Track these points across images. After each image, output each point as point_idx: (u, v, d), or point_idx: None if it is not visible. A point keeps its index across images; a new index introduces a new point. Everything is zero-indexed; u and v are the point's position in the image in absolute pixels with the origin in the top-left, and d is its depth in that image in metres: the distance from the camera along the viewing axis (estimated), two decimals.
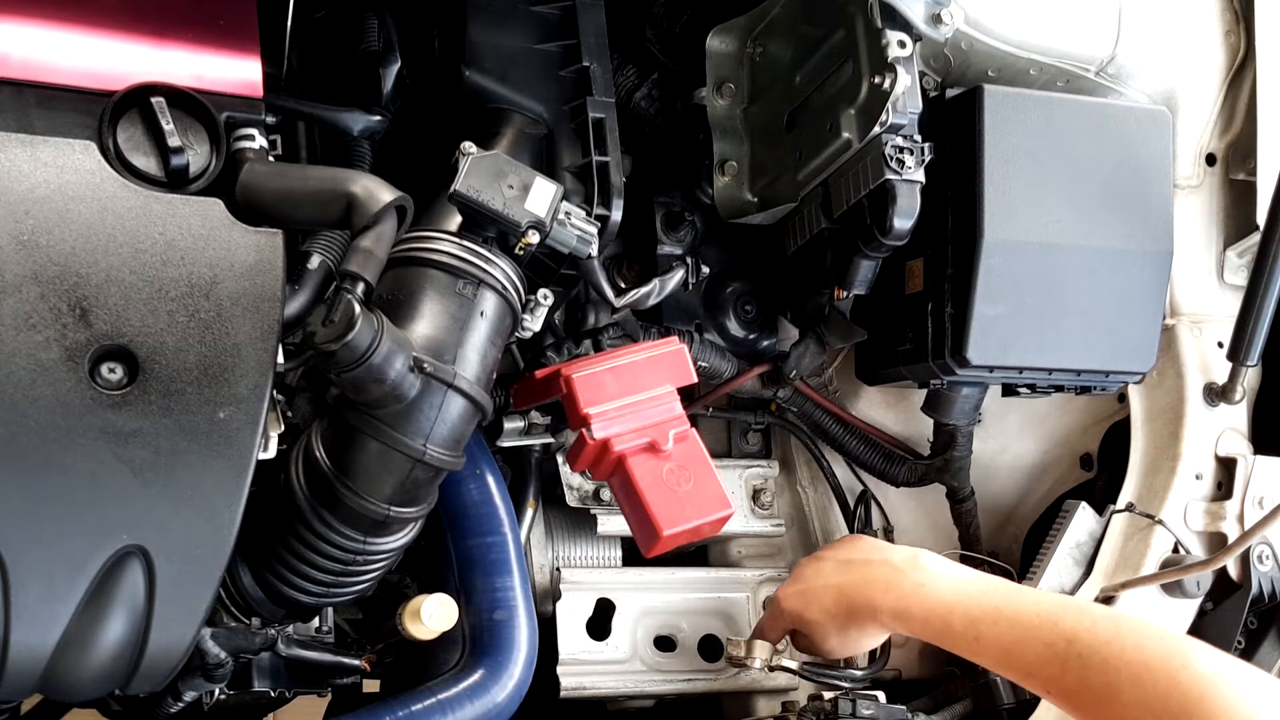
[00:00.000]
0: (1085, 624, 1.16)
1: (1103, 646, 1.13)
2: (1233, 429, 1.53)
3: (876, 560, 1.35)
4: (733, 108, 1.50)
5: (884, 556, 1.35)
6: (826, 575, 1.38)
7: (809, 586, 1.39)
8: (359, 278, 1.04)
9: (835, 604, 1.35)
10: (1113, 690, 1.11)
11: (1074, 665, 1.14)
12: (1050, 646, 1.16)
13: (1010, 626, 1.21)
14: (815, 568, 1.41)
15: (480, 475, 1.37)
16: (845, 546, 1.43)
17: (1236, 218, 1.57)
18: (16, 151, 0.99)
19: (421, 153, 1.43)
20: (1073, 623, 1.17)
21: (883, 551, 1.37)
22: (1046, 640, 1.17)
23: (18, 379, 0.97)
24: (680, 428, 1.31)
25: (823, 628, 1.37)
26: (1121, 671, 1.11)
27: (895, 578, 1.31)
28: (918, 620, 1.28)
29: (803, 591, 1.39)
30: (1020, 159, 1.36)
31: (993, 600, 1.23)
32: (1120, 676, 1.11)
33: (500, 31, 1.35)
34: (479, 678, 1.28)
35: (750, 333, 1.62)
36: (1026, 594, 1.25)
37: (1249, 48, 1.54)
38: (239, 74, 1.13)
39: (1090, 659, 1.14)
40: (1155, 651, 1.11)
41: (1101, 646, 1.13)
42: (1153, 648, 1.12)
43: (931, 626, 1.27)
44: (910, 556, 1.33)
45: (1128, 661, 1.11)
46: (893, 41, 1.22)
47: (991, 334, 1.36)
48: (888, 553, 1.36)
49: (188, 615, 1.04)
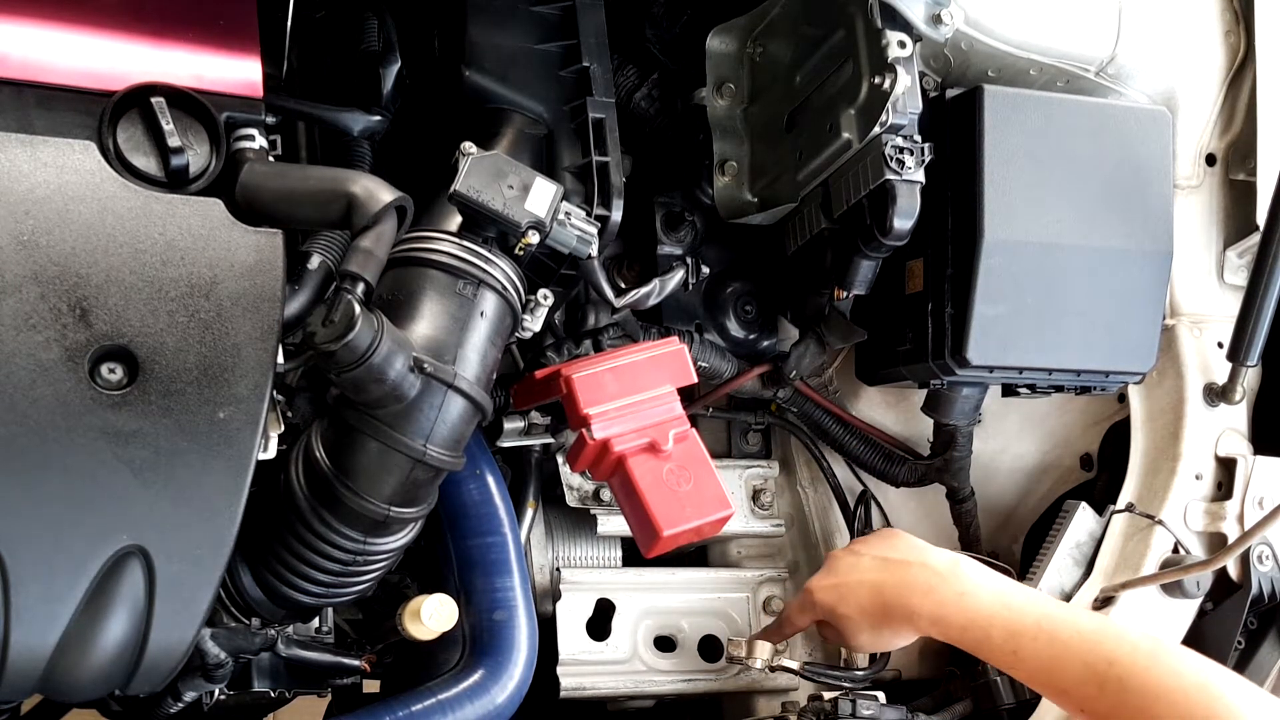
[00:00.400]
0: (1125, 648, 1.16)
1: (1142, 672, 1.14)
2: (1233, 429, 1.53)
3: (916, 562, 1.33)
4: (733, 108, 1.50)
5: (923, 559, 1.34)
6: (863, 571, 1.36)
7: (844, 581, 1.37)
8: (359, 278, 1.04)
9: (871, 602, 1.34)
10: (1150, 716, 1.12)
11: (1112, 688, 1.15)
12: (1090, 667, 1.17)
13: (1050, 643, 1.21)
14: (851, 562, 1.39)
15: (480, 475, 1.37)
16: (882, 542, 1.40)
17: (1236, 218, 1.57)
18: (16, 151, 0.99)
19: (421, 153, 1.43)
20: (1113, 645, 1.17)
21: (922, 553, 1.35)
22: (1086, 661, 1.17)
23: (18, 379, 0.97)
24: (680, 428, 1.31)
25: (855, 624, 1.36)
26: (1160, 699, 1.12)
27: (935, 583, 1.30)
28: (956, 629, 1.28)
29: (838, 585, 1.38)
30: (1020, 159, 1.36)
31: (1034, 616, 1.23)
32: (1158, 703, 1.12)
33: (500, 31, 1.35)
34: (479, 678, 1.28)
35: (750, 333, 1.62)
36: (1067, 611, 1.25)
37: (1249, 48, 1.54)
38: (239, 74, 1.13)
39: (1129, 682, 1.14)
40: (1192, 680, 1.12)
41: (1141, 672, 1.14)
42: (1190, 677, 1.13)
43: (970, 636, 1.27)
44: (951, 563, 1.32)
45: (1167, 689, 1.12)
46: (893, 42, 1.22)
47: (991, 334, 1.36)
48: (927, 555, 1.34)
49: (188, 615, 1.04)
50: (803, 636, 1.65)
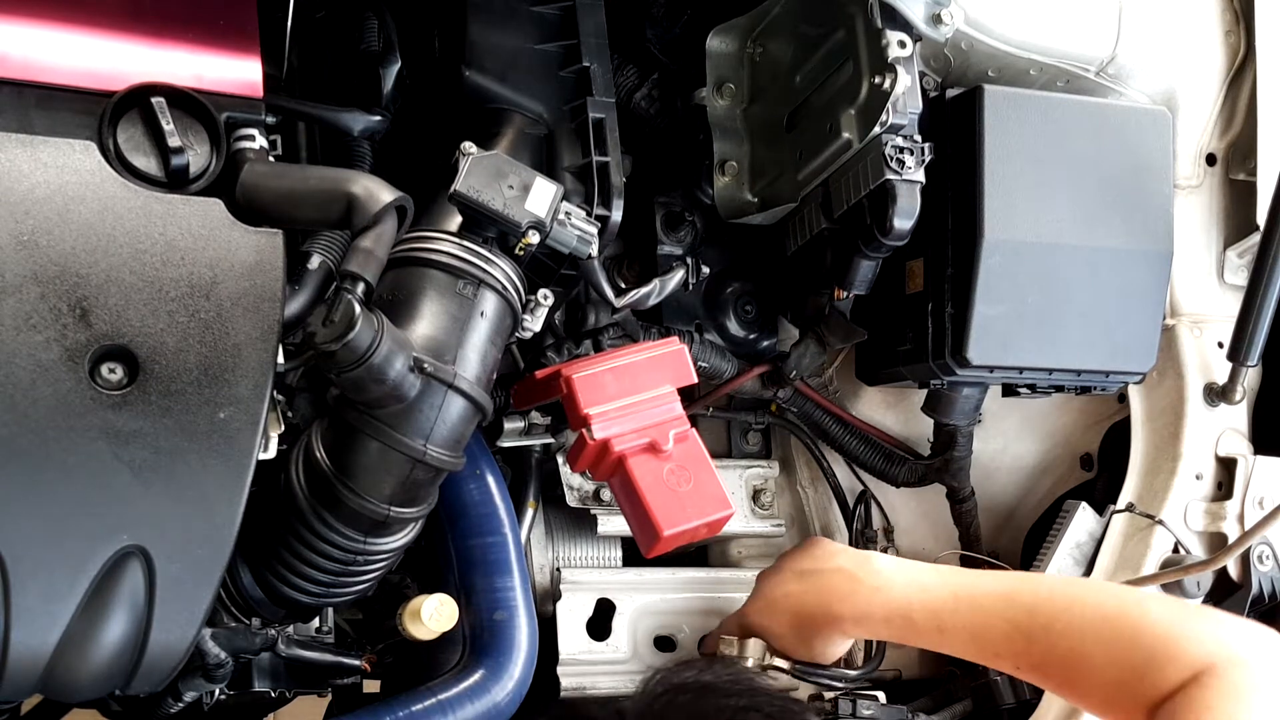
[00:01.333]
0: (1043, 594, 1.18)
1: (1063, 612, 1.15)
2: (1233, 429, 1.53)
3: (831, 569, 1.34)
4: (733, 108, 1.50)
5: (838, 564, 1.34)
6: (785, 585, 1.38)
7: (770, 599, 1.39)
8: (359, 278, 1.04)
9: (796, 615, 1.35)
10: (1080, 654, 1.13)
11: (1039, 636, 1.16)
12: (1013, 623, 1.18)
13: (971, 611, 1.22)
14: (774, 580, 1.40)
15: (480, 475, 1.37)
16: (800, 556, 1.41)
17: (1236, 218, 1.57)
18: (16, 151, 0.99)
19: (421, 153, 1.43)
20: (1030, 596, 1.18)
21: (836, 558, 1.36)
22: (1008, 617, 1.18)
23: (18, 379, 0.97)
24: (680, 428, 1.30)
25: (787, 640, 1.37)
26: (1086, 634, 1.13)
27: (852, 586, 1.31)
28: (880, 623, 1.29)
29: (765, 606, 1.39)
30: (1020, 159, 1.36)
31: (949, 589, 1.24)
32: (1085, 639, 1.13)
33: (500, 31, 1.35)
34: (479, 678, 1.28)
35: (750, 333, 1.62)
36: (981, 577, 1.26)
37: (1249, 48, 1.54)
38: (239, 74, 1.13)
39: (1054, 626, 1.15)
40: (1114, 608, 1.13)
41: (1062, 613, 1.15)
42: (1111, 605, 1.13)
43: (894, 626, 1.28)
44: (862, 561, 1.33)
45: (1090, 620, 1.13)
46: (893, 41, 1.22)
47: (991, 334, 1.36)
48: (841, 559, 1.35)
49: (188, 615, 1.04)
50: None
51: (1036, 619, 1.16)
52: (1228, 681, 1.03)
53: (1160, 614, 1.11)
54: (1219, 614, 1.12)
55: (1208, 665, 1.04)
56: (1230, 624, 1.10)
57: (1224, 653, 1.05)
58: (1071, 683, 1.15)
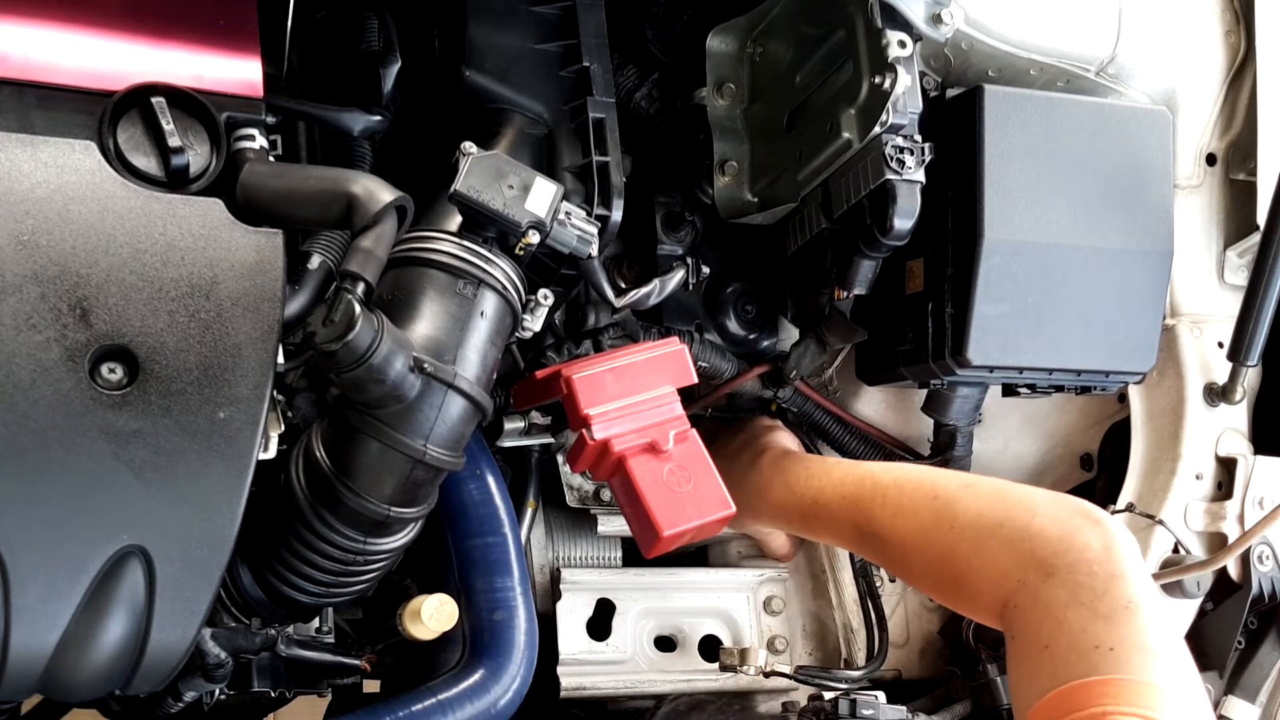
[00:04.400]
0: (878, 500, 1.30)
1: (891, 519, 1.28)
2: (1233, 429, 1.53)
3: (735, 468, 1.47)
4: (733, 108, 1.50)
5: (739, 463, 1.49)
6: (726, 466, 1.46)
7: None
8: (359, 278, 1.04)
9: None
10: (905, 561, 1.27)
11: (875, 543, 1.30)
12: (856, 528, 1.32)
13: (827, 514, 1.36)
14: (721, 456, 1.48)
15: (480, 475, 1.37)
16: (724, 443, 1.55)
17: (1236, 218, 1.57)
18: (16, 151, 0.99)
19: (421, 153, 1.43)
20: (868, 503, 1.31)
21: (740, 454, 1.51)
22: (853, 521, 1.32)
23: (18, 379, 0.97)
24: (680, 428, 1.31)
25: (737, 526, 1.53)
26: (907, 542, 1.26)
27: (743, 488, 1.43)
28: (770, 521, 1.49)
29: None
30: (1020, 159, 1.36)
31: (810, 494, 1.39)
32: (907, 548, 1.26)
33: (500, 31, 1.35)
34: (479, 678, 1.28)
35: (750, 333, 1.62)
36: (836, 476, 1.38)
37: (1249, 48, 1.54)
38: (239, 74, 1.13)
39: (884, 534, 1.28)
40: (929, 517, 1.23)
41: (890, 519, 1.28)
42: (926, 515, 1.24)
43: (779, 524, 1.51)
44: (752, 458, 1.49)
45: (910, 530, 1.25)
46: (893, 41, 1.22)
47: (991, 334, 1.36)
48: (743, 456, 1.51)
49: (188, 615, 1.04)
50: (801, 638, 1.65)
51: (873, 526, 1.29)
52: (1040, 601, 1.07)
53: (968, 522, 1.18)
54: (1030, 505, 1.16)
55: (1018, 580, 1.10)
56: (1037, 524, 1.13)
57: (1032, 563, 1.10)
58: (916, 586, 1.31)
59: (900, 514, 1.26)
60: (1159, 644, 1.00)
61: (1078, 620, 1.02)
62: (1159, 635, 1.01)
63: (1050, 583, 1.06)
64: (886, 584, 1.65)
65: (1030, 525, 1.12)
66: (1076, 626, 1.02)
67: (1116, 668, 0.97)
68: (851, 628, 1.64)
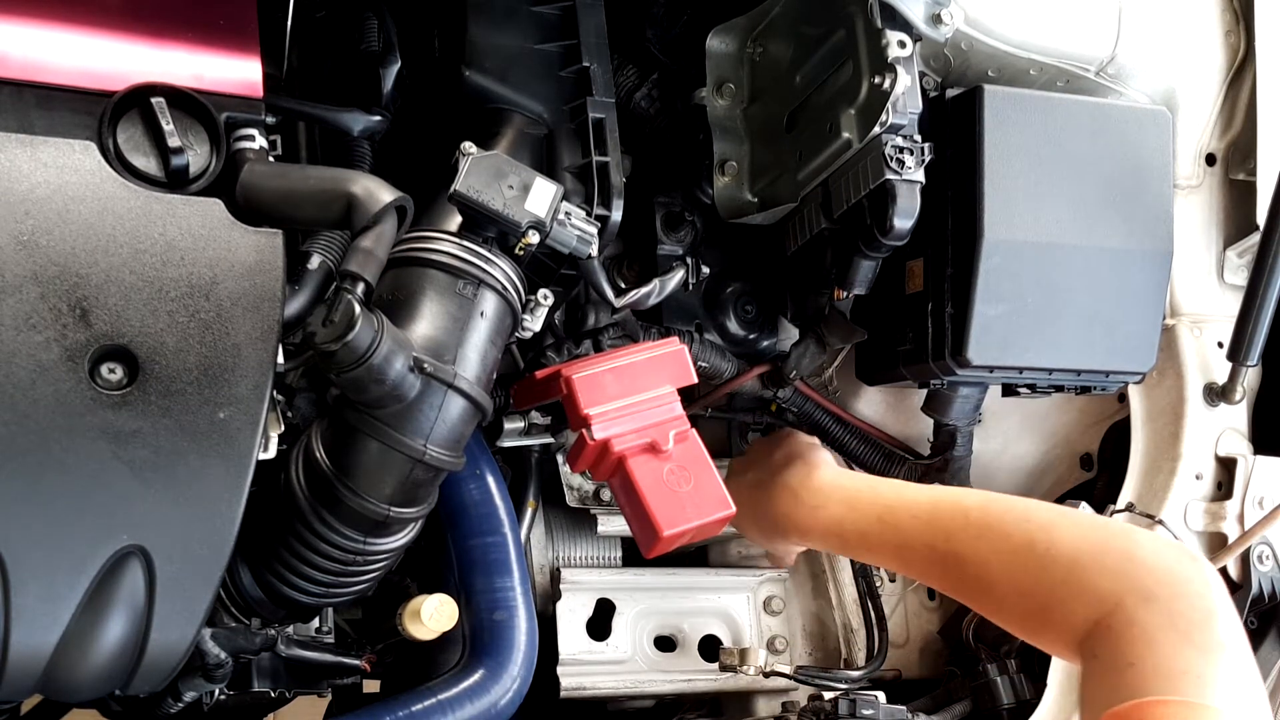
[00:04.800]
0: (959, 522, 1.22)
1: (975, 540, 1.20)
2: (1233, 429, 1.53)
3: (778, 483, 1.42)
4: (733, 108, 1.50)
5: (784, 479, 1.42)
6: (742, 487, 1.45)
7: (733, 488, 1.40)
8: (359, 278, 1.04)
9: (752, 514, 1.44)
10: (987, 584, 1.18)
11: (953, 565, 1.21)
12: (931, 548, 1.23)
13: (895, 534, 1.28)
14: (737, 481, 1.48)
15: (480, 475, 1.37)
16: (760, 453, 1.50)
17: (1236, 218, 1.57)
18: (16, 151, 0.99)
19: (421, 153, 1.43)
20: (947, 522, 1.23)
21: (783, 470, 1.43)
22: (927, 542, 1.24)
23: (18, 379, 0.97)
24: (680, 428, 1.30)
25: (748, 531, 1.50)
26: (993, 566, 1.17)
27: (793, 505, 1.39)
28: (819, 540, 1.40)
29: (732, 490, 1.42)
30: (1020, 159, 1.36)
31: (876, 512, 1.31)
32: (991, 570, 1.17)
33: (500, 31, 1.35)
34: (479, 678, 1.28)
35: (750, 333, 1.62)
36: (907, 498, 1.30)
37: (1249, 48, 1.54)
38: (239, 74, 1.13)
39: (965, 555, 1.20)
40: (1021, 541, 1.16)
41: (973, 541, 1.20)
42: (1019, 537, 1.16)
43: (830, 543, 1.40)
44: (804, 476, 1.41)
45: (997, 552, 1.17)
46: (893, 41, 1.22)
47: (991, 334, 1.36)
48: (788, 474, 1.43)
49: (188, 615, 1.04)
50: (801, 638, 1.65)
51: (951, 544, 1.21)
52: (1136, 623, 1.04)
53: (1065, 547, 1.13)
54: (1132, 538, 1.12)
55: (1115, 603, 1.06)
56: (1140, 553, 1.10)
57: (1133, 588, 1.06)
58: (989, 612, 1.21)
59: (985, 535, 1.20)
60: (1244, 684, 1.00)
61: (1171, 645, 1.02)
62: (1246, 676, 1.01)
63: (1148, 607, 1.05)
64: (886, 584, 1.65)
65: (1134, 553, 1.10)
66: (1169, 649, 1.01)
67: (1200, 694, 0.97)
68: (851, 628, 1.64)
